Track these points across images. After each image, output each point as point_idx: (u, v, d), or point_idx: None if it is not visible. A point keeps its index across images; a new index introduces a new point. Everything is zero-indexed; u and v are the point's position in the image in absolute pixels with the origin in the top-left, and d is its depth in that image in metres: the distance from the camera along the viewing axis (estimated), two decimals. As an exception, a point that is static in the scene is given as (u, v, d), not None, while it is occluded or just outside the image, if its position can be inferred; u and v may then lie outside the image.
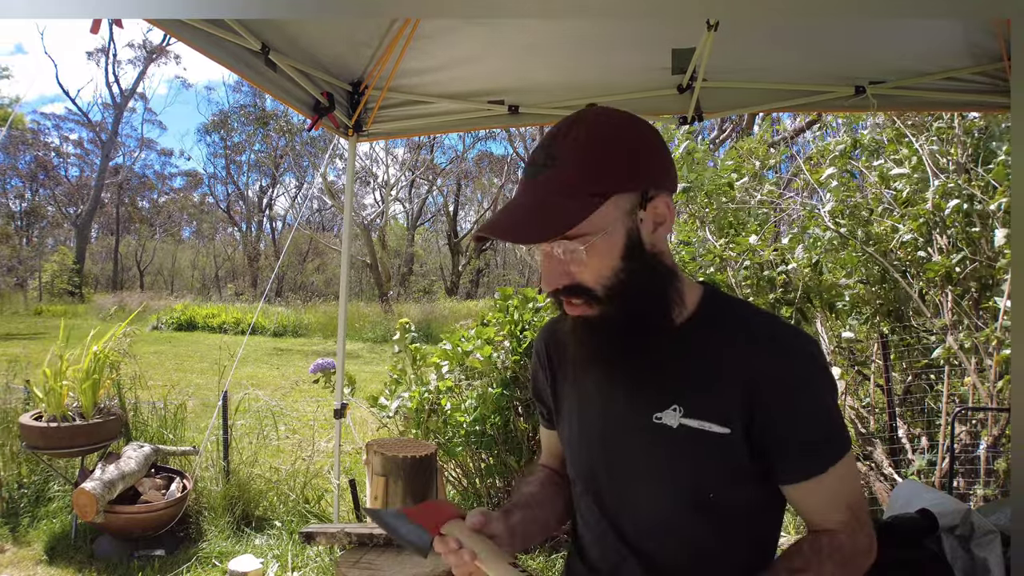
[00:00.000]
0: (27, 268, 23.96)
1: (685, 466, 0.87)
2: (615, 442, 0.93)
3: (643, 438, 0.88)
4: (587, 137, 0.81)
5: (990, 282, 3.00)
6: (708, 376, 0.85)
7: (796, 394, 0.83)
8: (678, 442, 0.86)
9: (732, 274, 3.44)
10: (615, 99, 2.68)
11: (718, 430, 0.84)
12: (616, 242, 0.82)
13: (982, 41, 2.33)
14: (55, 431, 2.98)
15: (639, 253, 0.83)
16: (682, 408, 0.86)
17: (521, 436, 3.19)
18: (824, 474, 0.84)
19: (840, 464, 0.84)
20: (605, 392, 0.94)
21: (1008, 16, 1.91)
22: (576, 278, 0.83)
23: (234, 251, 34.77)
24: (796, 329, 0.90)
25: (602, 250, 0.81)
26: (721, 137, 9.97)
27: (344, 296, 3.12)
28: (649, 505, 0.91)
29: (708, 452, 0.85)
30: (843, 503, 0.86)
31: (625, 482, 0.93)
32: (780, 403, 0.83)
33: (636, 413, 0.89)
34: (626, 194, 0.81)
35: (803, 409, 0.84)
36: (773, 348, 0.85)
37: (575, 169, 0.80)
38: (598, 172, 0.80)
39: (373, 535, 1.93)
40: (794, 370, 0.84)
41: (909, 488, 1.93)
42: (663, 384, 0.87)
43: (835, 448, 0.85)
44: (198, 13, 1.85)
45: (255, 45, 2.17)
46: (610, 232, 0.81)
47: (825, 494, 0.86)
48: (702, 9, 2.11)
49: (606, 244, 0.81)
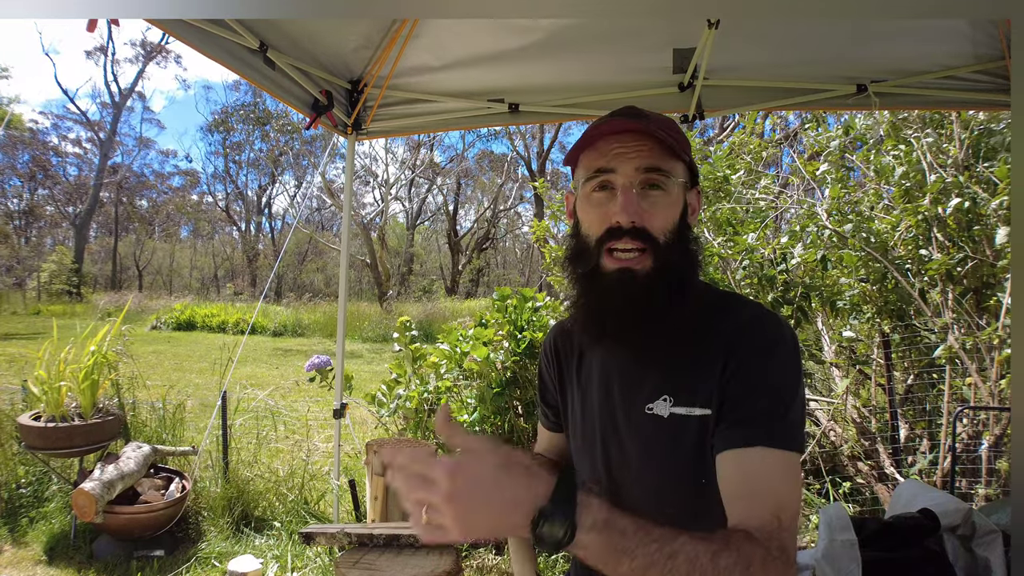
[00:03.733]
0: (25, 268, 23.93)
1: (677, 454, 0.89)
2: (613, 436, 0.95)
3: (638, 430, 0.91)
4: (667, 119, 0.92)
5: (991, 281, 3.00)
6: (694, 364, 0.88)
7: (752, 362, 0.84)
8: (669, 431, 0.88)
9: (731, 274, 3.43)
10: (616, 97, 2.67)
11: (700, 412, 0.86)
12: (678, 202, 0.91)
13: (983, 39, 2.32)
14: (54, 431, 2.97)
15: (686, 226, 0.92)
16: (672, 398, 0.88)
17: (521, 436, 3.19)
18: (749, 450, 0.79)
19: (772, 455, 0.78)
20: (604, 389, 0.97)
21: (1008, 16, 1.91)
22: (646, 219, 0.88)
23: (233, 250, 34.77)
24: (780, 318, 0.90)
25: (672, 200, 0.89)
26: (722, 136, 9.97)
27: (343, 296, 3.11)
28: (647, 496, 0.93)
29: (696, 437, 0.86)
30: (768, 503, 0.76)
31: (624, 475, 0.95)
32: (738, 370, 0.84)
33: (631, 406, 0.92)
34: (688, 169, 0.93)
35: (752, 380, 0.83)
36: (748, 326, 0.87)
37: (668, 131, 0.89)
38: (679, 139, 0.90)
39: (373, 535, 1.92)
40: (757, 342, 0.85)
41: (911, 488, 1.92)
42: (655, 376, 0.91)
43: (770, 434, 0.79)
44: (198, 13, 1.84)
45: (253, 43, 2.16)
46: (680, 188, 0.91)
47: (745, 478, 0.78)
48: (703, 8, 2.11)
49: (675, 196, 0.90)
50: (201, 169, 38.27)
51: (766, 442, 0.79)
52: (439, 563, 1.78)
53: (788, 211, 3.92)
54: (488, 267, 31.71)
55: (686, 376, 0.88)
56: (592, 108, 2.77)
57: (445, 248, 31.49)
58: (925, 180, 3.12)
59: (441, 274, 31.77)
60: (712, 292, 0.96)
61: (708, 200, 3.88)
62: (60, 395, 3.07)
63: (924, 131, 3.26)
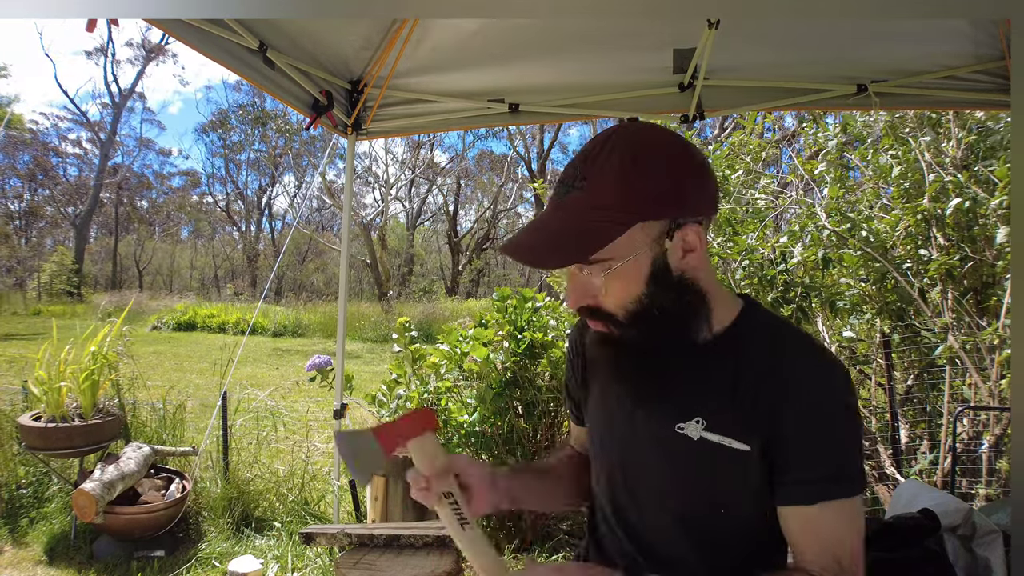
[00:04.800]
0: (26, 268, 23.93)
1: (700, 479, 0.86)
2: (636, 446, 0.93)
3: (663, 446, 0.88)
4: (619, 160, 0.79)
5: (991, 281, 3.00)
6: (733, 391, 0.84)
7: (810, 421, 0.81)
8: (697, 454, 0.85)
9: (731, 274, 3.43)
10: (616, 97, 2.67)
11: (737, 446, 0.83)
12: (641, 268, 0.81)
13: (983, 39, 2.32)
14: (54, 431, 2.97)
15: (665, 278, 0.82)
16: (704, 421, 0.85)
17: (521, 437, 3.18)
18: (813, 507, 0.80)
19: (835, 505, 0.80)
20: (631, 397, 0.93)
21: (1008, 16, 1.90)
22: (598, 301, 0.84)
23: (233, 251, 34.77)
24: (829, 356, 0.86)
25: (626, 275, 0.81)
26: (722, 136, 9.97)
27: (343, 296, 3.11)
28: (660, 512, 0.91)
29: (725, 468, 0.84)
30: (829, 549, 0.80)
31: (639, 485, 0.93)
32: (794, 426, 0.81)
33: (659, 421, 0.88)
34: (654, 222, 0.80)
35: (813, 438, 0.81)
36: (799, 370, 0.83)
37: (604, 193, 0.79)
38: (626, 198, 0.78)
39: (373, 536, 1.92)
40: (814, 396, 0.81)
41: (911, 488, 1.92)
42: (688, 395, 0.86)
43: (835, 487, 0.80)
44: (197, 13, 1.84)
45: (253, 43, 2.16)
46: (635, 258, 0.80)
47: (810, 529, 0.82)
48: (702, 8, 2.11)
49: (630, 270, 0.81)
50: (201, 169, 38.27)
51: (827, 498, 0.80)
52: (439, 563, 1.77)
53: (787, 211, 3.92)
54: (488, 267, 31.69)
55: (724, 403, 0.84)
56: (592, 108, 2.77)
57: (445, 248, 31.48)
58: (924, 180, 3.12)
59: (441, 274, 31.77)
60: (760, 315, 0.90)
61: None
62: (60, 395, 3.07)
63: (922, 130, 3.26)
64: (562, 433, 3.24)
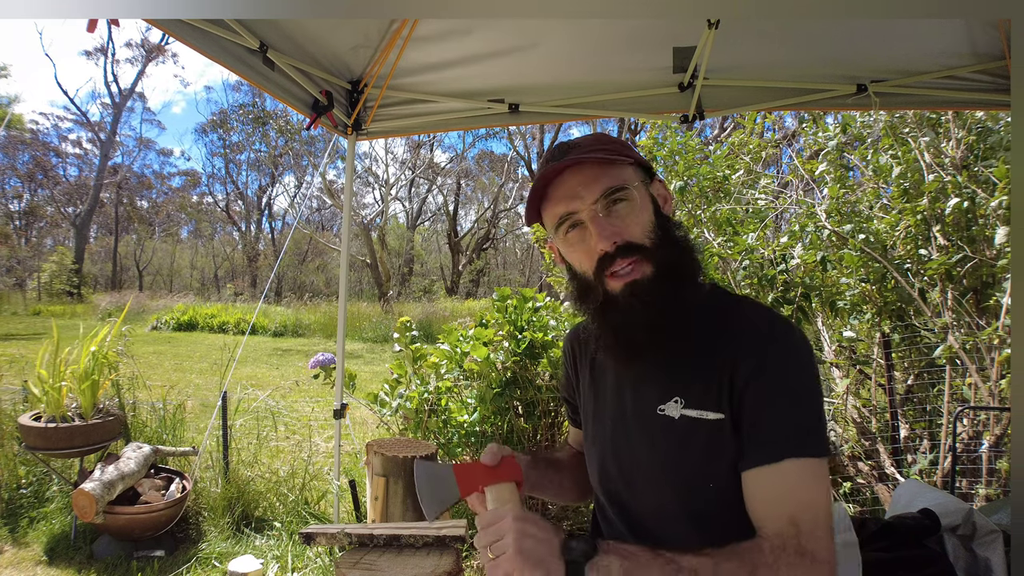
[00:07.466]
0: (26, 268, 23.93)
1: (686, 455, 0.89)
2: (624, 436, 0.97)
3: (649, 430, 0.93)
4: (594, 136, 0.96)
5: (991, 281, 2.99)
6: (705, 367, 0.88)
7: (768, 378, 0.84)
8: (680, 432, 0.89)
9: (731, 274, 3.43)
10: (616, 97, 2.67)
11: (712, 416, 0.87)
12: (645, 202, 0.93)
13: (984, 39, 2.32)
14: (54, 431, 2.97)
15: (664, 217, 0.95)
16: (683, 400, 0.89)
17: (521, 437, 3.18)
18: (772, 465, 0.81)
19: (794, 465, 0.80)
20: (617, 390, 0.99)
21: (1008, 16, 1.90)
22: (625, 235, 0.90)
23: (233, 251, 34.76)
24: (789, 323, 0.90)
25: (640, 205, 0.92)
26: (722, 136, 9.96)
27: (344, 296, 3.11)
28: (654, 496, 0.94)
29: (706, 440, 0.87)
30: (785, 511, 0.79)
31: (633, 474, 0.96)
32: (754, 386, 0.84)
33: (643, 407, 0.94)
34: (639, 167, 0.96)
35: (771, 395, 0.83)
36: (758, 333, 0.87)
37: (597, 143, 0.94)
38: (615, 144, 0.95)
39: (373, 535, 1.92)
40: (771, 354, 0.85)
41: (911, 488, 1.92)
42: (667, 378, 0.92)
43: (791, 445, 0.81)
44: (197, 13, 1.84)
45: (253, 44, 2.16)
46: (641, 187, 0.93)
47: (768, 491, 0.81)
48: (702, 8, 2.11)
49: (642, 198, 0.93)
50: (201, 169, 38.26)
51: (786, 455, 0.81)
52: (439, 563, 1.77)
53: (787, 211, 3.92)
54: (488, 267, 31.68)
55: (698, 379, 0.89)
56: (592, 108, 2.77)
57: (445, 248, 31.48)
58: (923, 180, 3.12)
59: (441, 274, 31.76)
60: (721, 294, 0.97)
61: (708, 200, 3.88)
62: (60, 395, 3.07)
63: (922, 130, 3.26)
64: (562, 433, 3.24)
